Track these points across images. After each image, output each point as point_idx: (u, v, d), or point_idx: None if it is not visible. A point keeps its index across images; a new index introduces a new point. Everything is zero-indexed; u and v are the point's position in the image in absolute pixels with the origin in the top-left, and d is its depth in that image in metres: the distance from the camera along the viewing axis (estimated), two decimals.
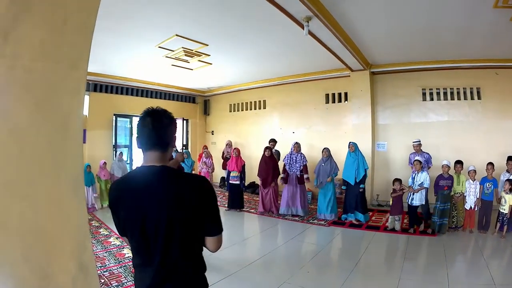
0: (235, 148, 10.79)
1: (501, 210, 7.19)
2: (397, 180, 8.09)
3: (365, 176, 8.68)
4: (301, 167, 9.33)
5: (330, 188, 9.04)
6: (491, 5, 5.76)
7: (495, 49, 8.41)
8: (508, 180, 7.25)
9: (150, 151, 1.88)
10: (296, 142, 9.66)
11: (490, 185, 7.44)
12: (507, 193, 7.13)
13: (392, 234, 7.63)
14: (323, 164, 9.12)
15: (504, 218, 7.15)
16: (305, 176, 9.34)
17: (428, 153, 8.78)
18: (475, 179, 7.54)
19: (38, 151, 1.78)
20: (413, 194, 7.66)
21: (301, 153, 9.53)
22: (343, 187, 8.84)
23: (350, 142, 8.94)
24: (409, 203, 7.73)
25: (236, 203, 10.14)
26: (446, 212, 7.48)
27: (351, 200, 8.67)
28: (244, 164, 10.56)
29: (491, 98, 9.64)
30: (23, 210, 1.71)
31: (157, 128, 1.87)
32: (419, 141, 8.91)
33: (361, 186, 8.61)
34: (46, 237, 1.84)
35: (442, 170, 7.70)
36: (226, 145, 13.02)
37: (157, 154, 1.88)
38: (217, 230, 1.93)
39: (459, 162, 7.72)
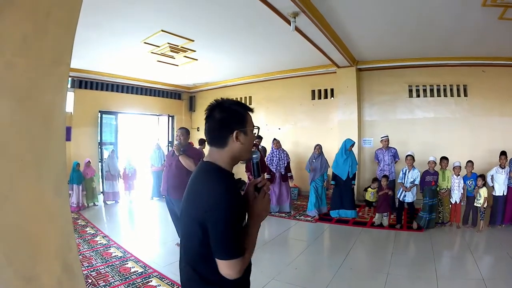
0: None
1: (477, 205, 7.35)
2: (384, 176, 8.12)
3: (355, 174, 8.76)
4: (285, 164, 9.35)
5: (320, 185, 9.07)
6: (480, 3, 5.79)
7: (483, 47, 8.49)
8: (480, 175, 7.40)
9: (210, 146, 1.84)
10: (275, 139, 9.67)
11: (471, 182, 7.53)
12: (480, 187, 7.29)
13: (379, 230, 7.66)
14: (314, 161, 9.11)
15: (481, 213, 7.32)
16: (288, 174, 9.37)
17: (395, 148, 8.92)
18: (459, 175, 7.61)
19: (20, 149, 1.73)
20: (405, 191, 7.71)
21: (283, 150, 9.54)
22: (332, 182, 8.81)
23: (352, 142, 8.84)
24: (401, 199, 7.78)
25: None
26: (434, 207, 7.56)
27: (343, 197, 8.66)
28: None
29: (477, 96, 9.77)
30: (5, 211, 1.65)
31: (207, 121, 1.85)
32: (387, 136, 8.99)
33: (353, 182, 8.69)
34: (30, 239, 1.80)
35: (428, 166, 7.74)
36: None
37: (211, 150, 1.82)
38: (218, 252, 1.60)
39: (445, 158, 7.78)
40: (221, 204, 1.58)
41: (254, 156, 1.91)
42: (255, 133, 1.89)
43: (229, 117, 1.78)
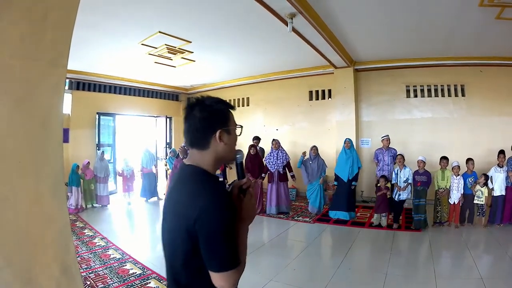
0: None
1: (478, 202, 7.49)
2: (383, 177, 8.11)
3: (357, 174, 8.70)
4: (284, 163, 9.35)
5: (317, 185, 9.08)
6: (477, 3, 5.80)
7: (480, 47, 8.51)
8: (483, 174, 7.51)
9: (189, 148, 1.68)
10: (274, 139, 9.69)
11: (472, 179, 7.59)
12: (482, 186, 7.40)
13: (378, 230, 7.67)
14: (310, 162, 9.11)
15: (483, 210, 7.48)
16: (290, 174, 9.35)
17: (395, 149, 8.91)
18: (458, 175, 7.63)
19: (17, 151, 1.73)
20: (400, 191, 7.71)
21: (282, 150, 9.55)
22: (335, 183, 8.80)
23: (346, 139, 8.89)
24: (396, 199, 7.77)
25: None
26: (422, 208, 7.56)
27: (341, 197, 8.63)
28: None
29: (475, 95, 9.79)
30: (3, 212, 1.65)
31: (187, 121, 1.65)
32: (388, 136, 9.00)
33: (354, 183, 8.64)
34: (28, 240, 1.80)
35: (417, 166, 7.78)
36: None
37: (193, 152, 1.66)
38: (211, 264, 1.46)
39: (444, 158, 7.81)
40: (213, 212, 1.45)
41: (237, 156, 1.80)
42: (239, 132, 1.76)
43: (212, 116, 1.63)
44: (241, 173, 1.82)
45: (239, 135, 1.76)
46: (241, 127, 1.77)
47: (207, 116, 1.61)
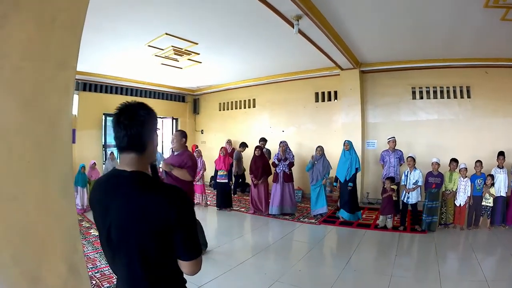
0: (222, 147, 10.74)
1: (486, 204, 7.52)
2: (389, 178, 8.10)
3: (354, 175, 8.68)
4: (288, 162, 9.38)
5: (319, 184, 9.06)
6: (482, 4, 5.79)
7: (485, 48, 8.47)
8: (489, 175, 7.53)
9: (123, 153, 1.67)
10: (281, 143, 9.67)
11: (481, 181, 7.57)
12: (489, 187, 7.43)
13: (383, 232, 7.65)
14: (316, 162, 9.09)
15: (488, 212, 7.49)
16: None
17: (401, 151, 8.91)
18: (466, 177, 7.61)
19: (26, 151, 1.75)
20: (408, 193, 7.70)
21: (289, 152, 9.58)
22: (334, 184, 8.81)
23: (345, 141, 8.94)
24: (405, 201, 7.78)
25: (225, 202, 10.11)
26: (435, 210, 7.55)
27: (343, 198, 8.71)
28: (232, 163, 10.59)
29: (480, 97, 9.71)
30: (12, 212, 1.67)
31: (128, 126, 1.63)
32: (394, 137, 9.01)
33: (349, 184, 8.61)
34: (36, 239, 1.81)
35: (431, 168, 7.74)
36: (227, 143, 12.83)
37: (131, 157, 1.66)
38: (187, 254, 1.63)
39: (454, 160, 7.79)
40: (190, 210, 1.65)
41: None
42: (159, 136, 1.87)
43: (151, 120, 1.73)
44: (156, 175, 1.91)
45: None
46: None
47: (148, 120, 1.70)
